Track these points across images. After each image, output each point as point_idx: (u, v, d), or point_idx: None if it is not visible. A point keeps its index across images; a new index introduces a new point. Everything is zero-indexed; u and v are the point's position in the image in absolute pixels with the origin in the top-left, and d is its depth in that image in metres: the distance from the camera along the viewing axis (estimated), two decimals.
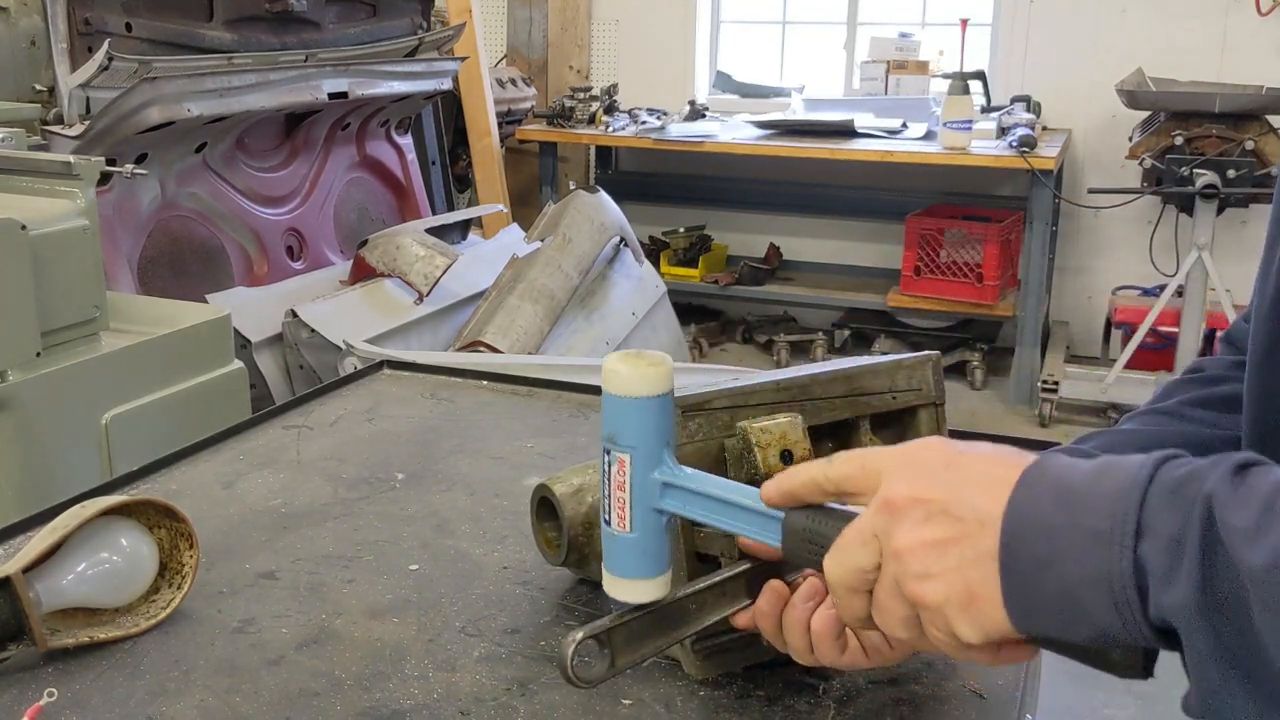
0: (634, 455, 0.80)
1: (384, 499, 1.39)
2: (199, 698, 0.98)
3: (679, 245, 5.72)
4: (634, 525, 0.81)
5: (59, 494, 1.34)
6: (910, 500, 0.70)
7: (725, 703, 0.98)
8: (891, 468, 0.72)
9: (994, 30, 5.56)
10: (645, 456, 0.80)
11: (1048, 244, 4.88)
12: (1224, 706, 0.60)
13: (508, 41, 6.13)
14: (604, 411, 0.81)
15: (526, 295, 3.45)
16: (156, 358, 2.23)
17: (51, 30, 2.91)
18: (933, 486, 0.69)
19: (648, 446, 0.80)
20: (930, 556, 0.68)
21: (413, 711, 0.96)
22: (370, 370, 1.88)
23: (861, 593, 0.73)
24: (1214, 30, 5.07)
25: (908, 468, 0.72)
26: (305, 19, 3.60)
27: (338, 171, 3.84)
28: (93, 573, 1.06)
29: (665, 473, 0.81)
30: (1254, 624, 0.57)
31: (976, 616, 0.67)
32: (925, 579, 0.68)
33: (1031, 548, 0.65)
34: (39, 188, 2.21)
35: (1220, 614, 0.58)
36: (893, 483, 0.71)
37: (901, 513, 0.70)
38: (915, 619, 0.71)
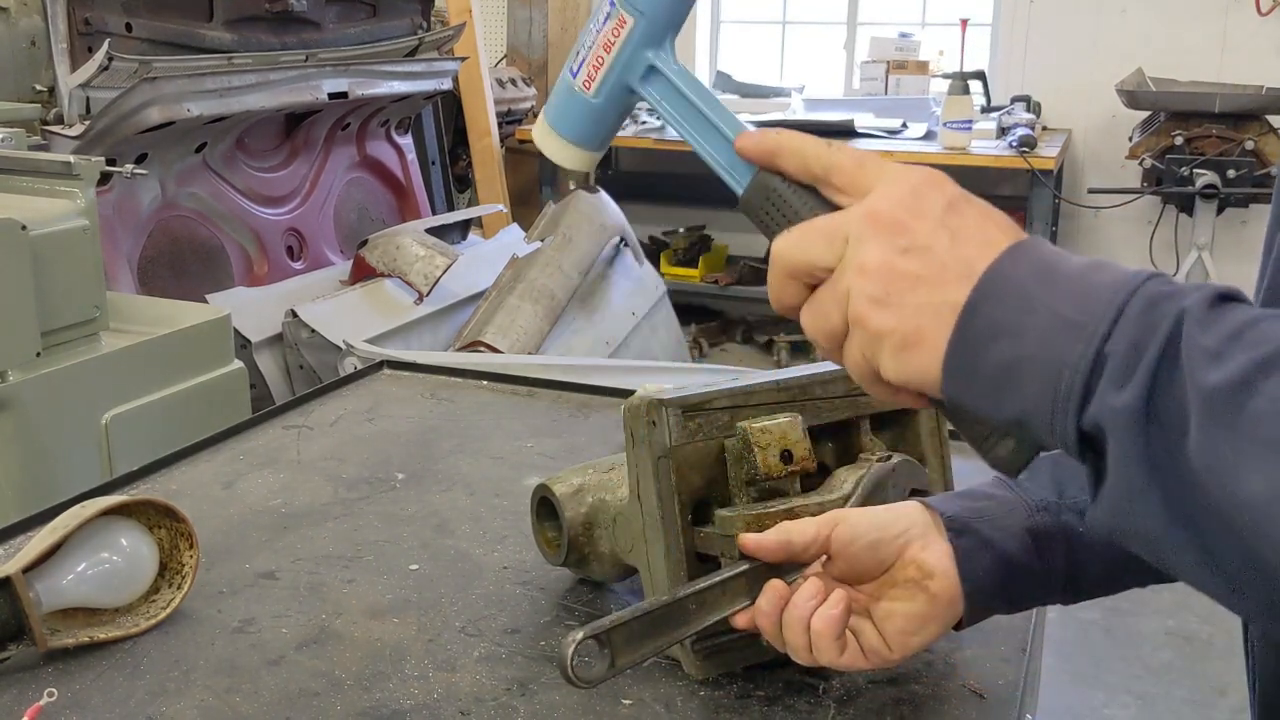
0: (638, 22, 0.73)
1: (384, 499, 1.39)
2: (199, 698, 0.98)
3: (679, 245, 5.72)
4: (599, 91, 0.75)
5: (59, 494, 1.34)
6: (897, 223, 0.66)
7: (725, 703, 0.98)
8: (889, 180, 0.68)
9: (994, 30, 5.56)
10: (649, 30, 0.73)
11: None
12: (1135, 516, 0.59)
13: (508, 41, 6.13)
14: None
15: (526, 295, 3.45)
16: (156, 358, 2.23)
17: (51, 30, 2.91)
18: (926, 220, 0.66)
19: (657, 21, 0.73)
20: (895, 284, 0.65)
21: (413, 711, 0.96)
22: (370, 370, 1.88)
23: (800, 283, 0.69)
24: (1214, 30, 5.07)
25: (906, 189, 0.67)
26: (305, 19, 3.60)
27: (338, 171, 3.84)
28: (93, 573, 1.06)
29: (659, 57, 0.74)
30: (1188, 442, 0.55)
31: (909, 359, 0.65)
32: (879, 304, 0.65)
33: (997, 312, 0.63)
34: (39, 188, 2.21)
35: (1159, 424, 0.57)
36: (886, 196, 0.67)
37: (884, 231, 0.66)
38: (841, 333, 0.68)
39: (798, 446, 0.99)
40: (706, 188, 4.56)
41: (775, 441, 0.98)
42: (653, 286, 4.26)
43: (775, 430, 0.99)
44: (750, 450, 0.98)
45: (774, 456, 0.98)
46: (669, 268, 5.59)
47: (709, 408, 1.01)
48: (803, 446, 0.99)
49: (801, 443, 0.99)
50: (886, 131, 5.09)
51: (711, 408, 1.01)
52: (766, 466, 0.98)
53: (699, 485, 1.00)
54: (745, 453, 0.99)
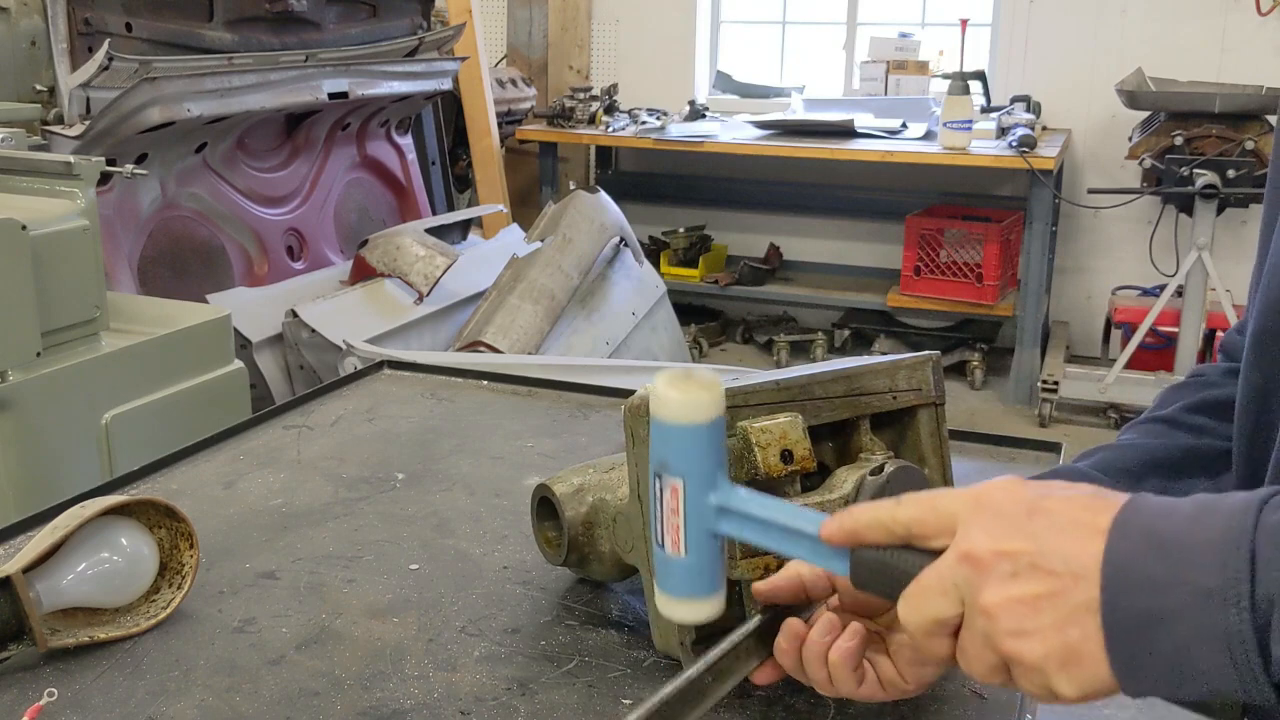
0: (687, 482, 0.77)
1: (384, 499, 1.39)
2: (199, 697, 0.98)
3: (679, 245, 5.72)
4: (688, 548, 0.78)
5: (59, 494, 1.35)
6: (995, 554, 0.66)
7: (725, 702, 0.98)
8: (967, 513, 0.69)
9: (994, 30, 5.56)
10: (699, 482, 0.77)
11: (1047, 244, 4.88)
12: None
13: (508, 41, 6.13)
14: (654, 438, 0.78)
15: (526, 295, 3.45)
16: (156, 358, 2.23)
17: (52, 30, 2.91)
18: (1018, 537, 0.66)
19: (701, 473, 0.77)
20: (1024, 614, 0.65)
21: (413, 711, 0.96)
22: (370, 370, 1.88)
23: (942, 637, 0.70)
24: (1214, 30, 5.07)
25: (986, 514, 0.68)
26: (305, 19, 3.60)
27: (338, 172, 3.84)
28: (93, 573, 1.06)
29: (721, 497, 0.77)
30: None
31: (1077, 673, 0.64)
32: (1020, 636, 0.65)
33: (1136, 603, 0.62)
34: (39, 188, 2.21)
35: None
36: (972, 532, 0.68)
37: (987, 567, 0.66)
38: (1005, 667, 0.68)
39: (798, 446, 0.99)
40: (706, 188, 4.57)
41: (775, 441, 0.98)
42: (653, 286, 4.26)
43: (775, 430, 0.99)
44: (750, 450, 0.98)
45: (774, 456, 0.98)
46: (669, 268, 5.59)
47: None
48: (803, 446, 0.99)
49: (801, 442, 0.99)
50: (886, 131, 5.09)
51: None
52: (766, 466, 0.98)
53: None
54: (745, 453, 0.99)
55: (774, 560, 0.96)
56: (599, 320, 3.80)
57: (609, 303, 3.91)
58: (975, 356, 5.24)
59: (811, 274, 5.79)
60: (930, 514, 0.71)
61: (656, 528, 0.80)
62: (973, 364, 5.22)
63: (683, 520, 0.78)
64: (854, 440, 1.09)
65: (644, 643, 1.06)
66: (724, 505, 0.78)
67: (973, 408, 4.97)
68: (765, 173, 5.70)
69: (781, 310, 5.87)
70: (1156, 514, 0.64)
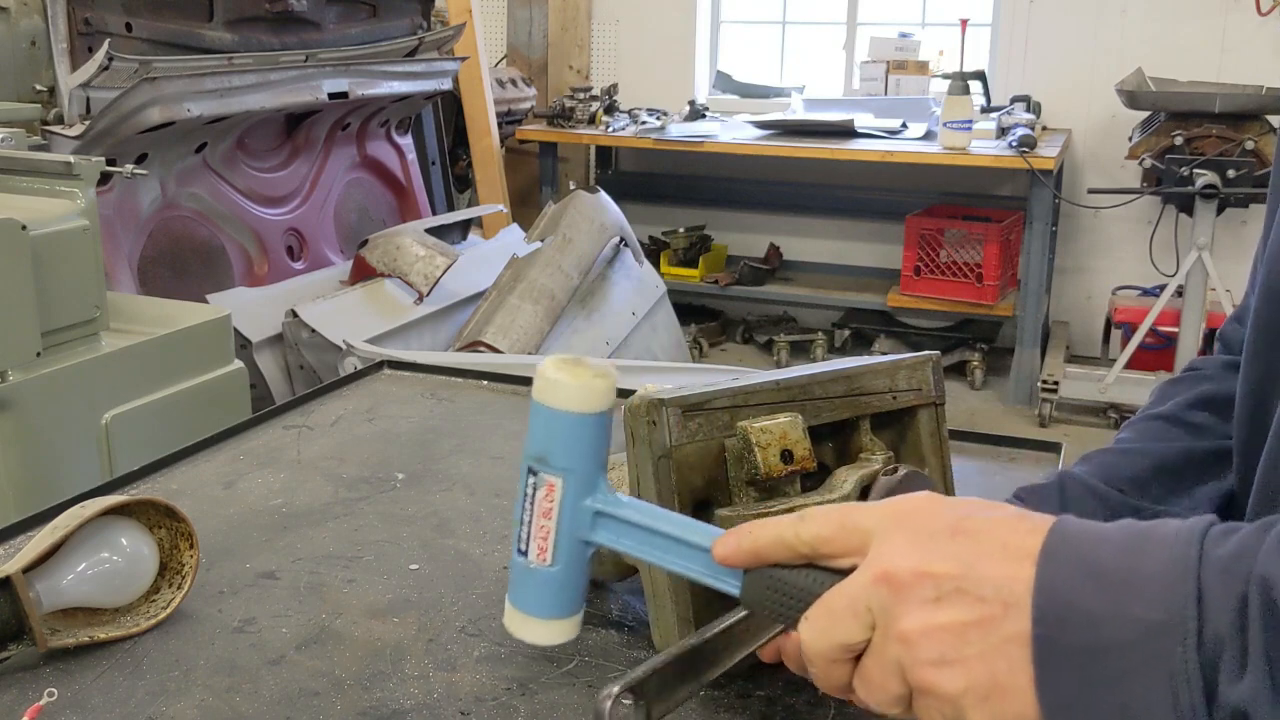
0: (567, 479, 0.71)
1: (384, 499, 1.39)
2: (199, 698, 0.98)
3: (679, 245, 5.72)
4: (556, 557, 0.71)
5: (59, 494, 1.34)
6: (916, 575, 0.62)
7: (725, 702, 0.98)
8: (883, 529, 0.64)
9: (994, 30, 5.56)
10: (580, 481, 0.70)
11: (1047, 244, 4.88)
12: None
13: (508, 41, 6.13)
14: (534, 425, 0.72)
15: (526, 295, 3.45)
16: (156, 358, 2.23)
17: (52, 30, 2.91)
18: (941, 558, 0.62)
19: (584, 470, 0.70)
20: (948, 642, 0.61)
21: (413, 711, 0.96)
22: (370, 370, 1.88)
23: (844, 663, 0.65)
24: (1214, 30, 5.07)
25: (905, 531, 0.64)
26: (305, 19, 3.60)
27: (338, 172, 3.84)
28: (93, 573, 1.06)
29: (601, 500, 0.71)
30: None
31: (999, 708, 0.60)
32: (941, 666, 0.61)
33: (1070, 636, 0.58)
34: (39, 188, 2.21)
35: None
36: (888, 550, 0.63)
37: (907, 589, 0.62)
38: (906, 697, 0.64)
39: (798, 446, 0.99)
40: (706, 188, 4.57)
41: (775, 441, 0.98)
42: (653, 286, 4.26)
43: (775, 430, 0.99)
44: (750, 450, 0.98)
45: (774, 456, 0.98)
46: (669, 268, 5.59)
47: (709, 408, 1.01)
48: (803, 446, 0.99)
49: (801, 442, 0.99)
50: (886, 131, 5.09)
51: (711, 408, 1.01)
52: (766, 466, 0.98)
53: (699, 485, 1.00)
54: (745, 452, 0.99)
55: None
56: (599, 320, 3.80)
57: (609, 303, 3.91)
58: (975, 356, 5.24)
59: (811, 274, 5.79)
60: (838, 531, 0.66)
61: (520, 533, 0.73)
62: (973, 364, 5.22)
63: (555, 525, 0.71)
64: (854, 440, 1.09)
65: (644, 643, 1.06)
66: (603, 510, 0.71)
67: (973, 408, 4.97)
68: (765, 173, 5.70)
69: (781, 310, 5.87)
70: (1088, 541, 0.61)
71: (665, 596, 0.99)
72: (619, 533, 0.72)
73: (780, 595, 0.68)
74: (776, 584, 0.68)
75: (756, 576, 0.68)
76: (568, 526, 0.71)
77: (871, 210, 5.70)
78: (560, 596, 0.72)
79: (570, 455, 0.71)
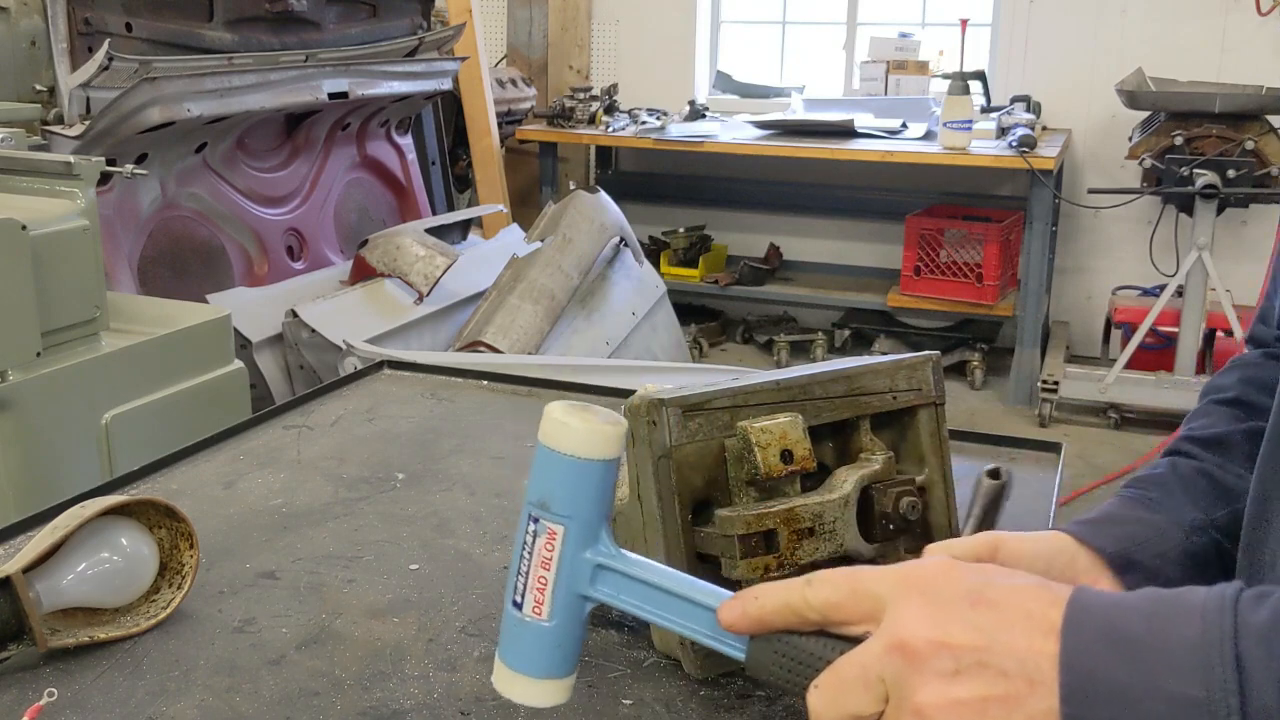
0: (569, 528, 0.68)
1: (384, 499, 1.39)
2: (199, 698, 0.98)
3: (679, 245, 5.72)
4: (553, 613, 0.68)
5: (59, 494, 1.34)
6: (934, 645, 0.59)
7: (725, 703, 0.98)
8: (897, 596, 0.62)
9: (994, 30, 5.56)
10: (582, 530, 0.68)
11: (1048, 244, 4.88)
12: None
13: (508, 41, 6.13)
14: (537, 469, 0.69)
15: (526, 295, 3.45)
16: (156, 358, 2.23)
17: (52, 30, 2.91)
18: (961, 629, 0.59)
19: (587, 518, 0.68)
20: (966, 717, 0.58)
21: (413, 711, 0.96)
22: (370, 370, 1.88)
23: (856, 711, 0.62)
24: (1214, 30, 5.07)
25: (920, 599, 0.61)
26: (305, 19, 3.60)
27: (338, 171, 3.84)
28: (93, 573, 1.06)
29: (603, 553, 0.68)
30: None
31: None
32: None
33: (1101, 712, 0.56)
34: (39, 188, 2.21)
35: None
36: (903, 618, 0.61)
37: (923, 660, 0.59)
38: None
39: (798, 446, 0.99)
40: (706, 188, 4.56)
41: (775, 441, 0.98)
42: (653, 286, 4.26)
43: (775, 430, 0.99)
44: (750, 450, 0.98)
45: (774, 456, 0.98)
46: (669, 268, 5.59)
47: (709, 408, 1.01)
48: (803, 446, 0.99)
49: (801, 442, 0.99)
50: (886, 131, 5.09)
51: (711, 408, 1.01)
52: (766, 466, 0.98)
53: (699, 485, 1.00)
54: (745, 453, 0.99)
55: (773, 560, 0.96)
56: (599, 320, 3.80)
57: (609, 303, 3.91)
58: (975, 356, 5.24)
59: (811, 274, 5.79)
60: (849, 596, 0.63)
61: (516, 583, 0.70)
62: (973, 364, 5.22)
63: (554, 576, 0.68)
64: (854, 440, 1.09)
65: (644, 643, 1.06)
66: (604, 564, 0.68)
67: (973, 408, 4.97)
68: (765, 173, 5.70)
69: (781, 310, 5.87)
70: (1111, 610, 0.59)
71: None
72: (620, 588, 0.69)
73: (789, 662, 0.65)
74: (785, 650, 0.65)
75: (764, 642, 0.66)
76: (566, 579, 0.68)
77: (871, 210, 5.70)
78: (555, 655, 0.69)
79: (574, 502, 0.68)
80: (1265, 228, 4.86)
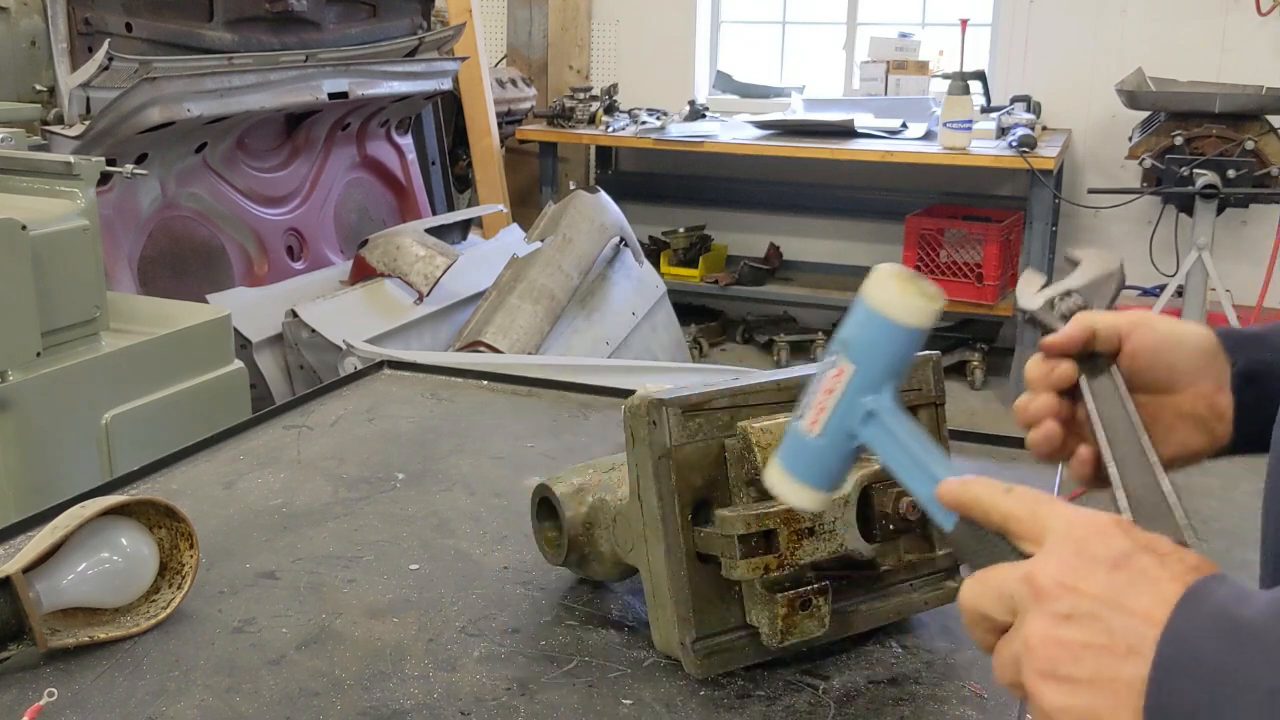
0: (856, 371, 0.76)
1: (384, 499, 1.39)
2: (199, 698, 0.98)
3: (679, 245, 5.72)
4: (823, 432, 0.77)
5: (59, 494, 1.34)
6: (1060, 587, 0.63)
7: (725, 703, 0.98)
8: (1056, 535, 0.65)
9: (994, 30, 5.56)
10: (867, 378, 0.76)
11: (1048, 244, 4.88)
12: None
13: (508, 41, 6.13)
14: (852, 313, 0.76)
15: (526, 295, 3.45)
16: (156, 358, 2.23)
17: (52, 30, 2.91)
18: (1090, 583, 0.62)
19: (875, 370, 0.75)
20: (1060, 657, 0.61)
21: (413, 711, 0.96)
22: (370, 370, 1.88)
23: (984, 630, 0.68)
24: (1214, 30, 5.07)
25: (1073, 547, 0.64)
26: (305, 19, 3.60)
27: (338, 172, 3.84)
28: (93, 573, 1.06)
29: (877, 403, 0.76)
30: None
31: None
32: (1046, 679, 0.62)
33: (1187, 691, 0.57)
34: (39, 188, 2.21)
35: None
36: (1049, 556, 0.64)
37: (1045, 599, 0.63)
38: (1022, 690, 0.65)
39: None
40: (706, 188, 4.55)
41: (775, 441, 0.98)
42: (653, 286, 4.26)
43: (775, 430, 0.99)
44: (750, 450, 0.98)
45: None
46: (669, 268, 5.59)
47: (709, 408, 1.01)
48: None
49: None
50: (886, 131, 5.09)
51: (711, 408, 1.01)
52: (766, 466, 0.98)
53: (699, 485, 1.00)
54: (745, 453, 0.99)
55: (773, 560, 0.97)
56: (599, 320, 3.80)
57: (609, 303, 3.91)
58: (975, 356, 5.24)
59: (811, 274, 5.79)
60: (1027, 518, 0.68)
61: (804, 400, 0.78)
62: (973, 364, 5.22)
63: (832, 404, 0.76)
64: None
65: (644, 643, 1.06)
66: (875, 411, 0.76)
67: (973, 408, 4.97)
68: (765, 173, 5.70)
69: (781, 310, 5.87)
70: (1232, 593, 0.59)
71: (665, 596, 1.00)
72: (879, 437, 0.76)
73: (974, 546, 0.72)
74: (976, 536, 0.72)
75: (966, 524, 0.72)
76: (841, 411, 0.76)
77: (871, 210, 5.70)
78: (815, 467, 0.79)
79: (867, 353, 0.76)
80: (1265, 228, 4.86)
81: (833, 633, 1.02)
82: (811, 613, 0.99)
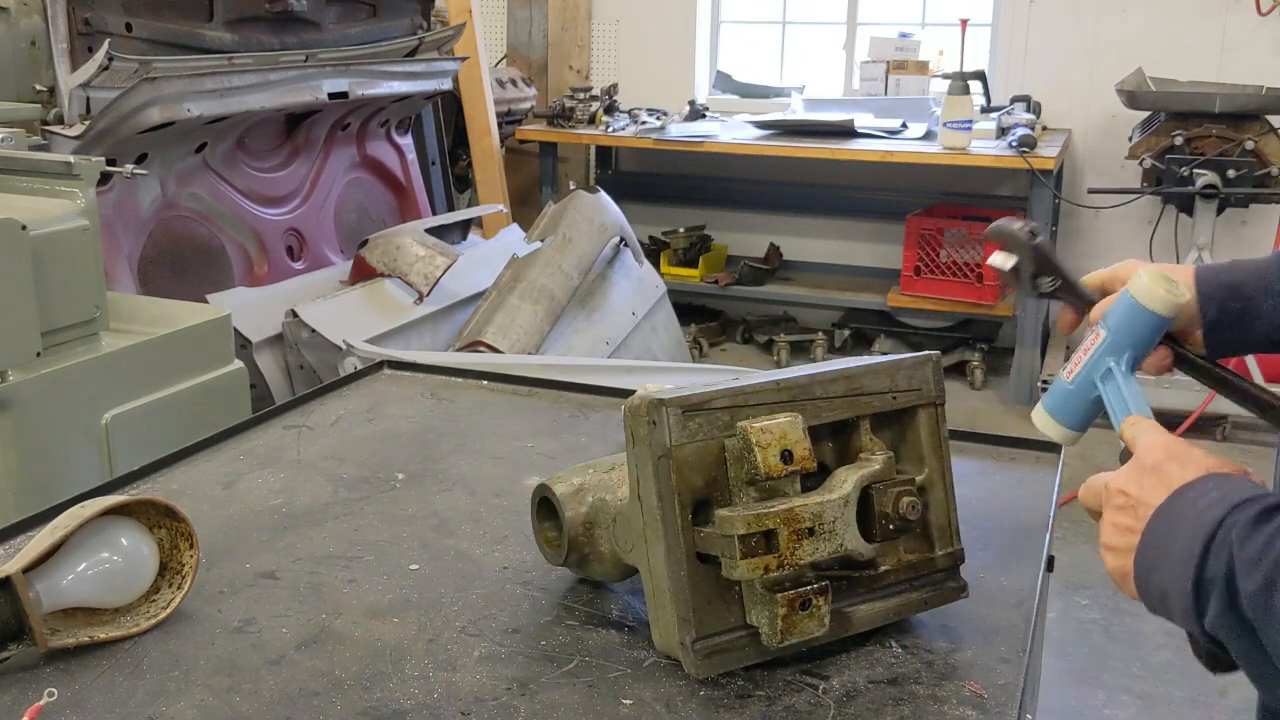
0: (1107, 337, 1.02)
1: (384, 499, 1.39)
2: (199, 698, 0.98)
3: (679, 245, 5.72)
4: (1075, 380, 1.04)
5: (59, 494, 1.35)
6: (1117, 491, 0.91)
7: (725, 703, 0.98)
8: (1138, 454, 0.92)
9: (994, 30, 5.56)
10: (1115, 345, 1.01)
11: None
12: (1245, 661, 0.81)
13: (508, 41, 6.13)
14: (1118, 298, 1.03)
15: (526, 295, 3.45)
16: (156, 358, 2.23)
17: (52, 30, 2.91)
18: (1132, 484, 0.90)
19: (1122, 340, 1.01)
20: (1111, 533, 0.91)
21: (413, 711, 0.96)
22: (370, 370, 1.88)
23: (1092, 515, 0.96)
24: (1214, 30, 5.07)
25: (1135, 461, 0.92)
26: (305, 19, 3.60)
27: (338, 171, 3.84)
28: (93, 573, 1.06)
29: (1117, 365, 1.01)
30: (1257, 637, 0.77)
31: (1124, 590, 0.90)
32: (1106, 549, 0.92)
33: (1150, 548, 0.87)
34: (39, 188, 2.21)
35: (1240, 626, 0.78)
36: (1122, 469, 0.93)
37: (1110, 497, 0.92)
38: None
39: (798, 446, 0.99)
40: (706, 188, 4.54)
41: (775, 441, 0.98)
42: (653, 286, 4.25)
43: (775, 430, 0.99)
44: (750, 450, 0.98)
45: (774, 456, 0.98)
46: (669, 268, 5.59)
47: (709, 408, 1.01)
48: (803, 446, 0.99)
49: (801, 443, 0.99)
50: (886, 131, 5.09)
51: (711, 408, 1.01)
52: (766, 466, 0.98)
53: (699, 485, 1.00)
54: (745, 453, 0.99)
55: (773, 560, 0.97)
56: (599, 320, 3.80)
57: (609, 303, 3.91)
58: (975, 356, 5.24)
59: (811, 274, 5.79)
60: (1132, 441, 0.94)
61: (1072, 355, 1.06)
62: (973, 364, 5.22)
63: (1086, 360, 1.03)
64: (854, 440, 1.09)
65: (644, 643, 1.06)
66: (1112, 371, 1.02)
67: (973, 408, 4.97)
68: (765, 173, 5.69)
69: (781, 310, 5.87)
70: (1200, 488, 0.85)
71: (665, 596, 1.00)
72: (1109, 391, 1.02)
73: None
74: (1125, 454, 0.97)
75: None
76: (1090, 365, 1.03)
77: (871, 210, 5.70)
78: (1063, 407, 1.06)
79: (1119, 325, 1.02)
80: (1265, 228, 4.86)
81: (833, 633, 1.03)
82: (811, 613, 0.99)
